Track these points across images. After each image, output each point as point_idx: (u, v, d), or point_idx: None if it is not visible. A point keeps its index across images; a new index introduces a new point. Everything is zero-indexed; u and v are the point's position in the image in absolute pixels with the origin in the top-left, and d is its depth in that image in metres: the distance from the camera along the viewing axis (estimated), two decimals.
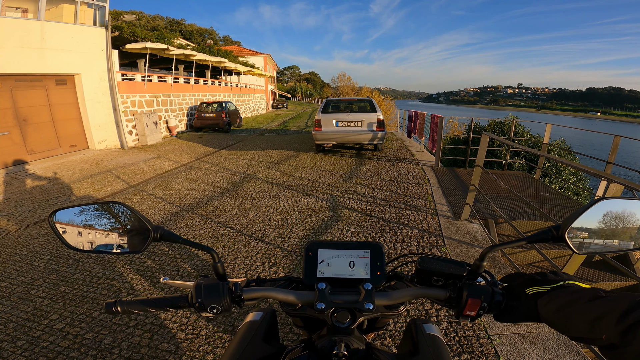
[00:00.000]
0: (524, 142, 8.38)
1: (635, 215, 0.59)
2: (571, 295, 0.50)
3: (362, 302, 0.61)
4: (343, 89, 47.97)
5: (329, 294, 0.63)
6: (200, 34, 60.71)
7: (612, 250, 0.61)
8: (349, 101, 8.51)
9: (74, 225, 0.63)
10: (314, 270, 0.69)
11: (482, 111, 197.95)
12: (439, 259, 0.66)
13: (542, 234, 0.58)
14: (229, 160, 7.75)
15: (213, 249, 0.64)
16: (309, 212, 4.26)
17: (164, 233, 0.62)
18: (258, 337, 0.73)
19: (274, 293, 0.66)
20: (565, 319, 0.48)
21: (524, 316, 0.56)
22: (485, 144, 3.63)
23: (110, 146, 9.64)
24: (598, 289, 0.49)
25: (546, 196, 5.17)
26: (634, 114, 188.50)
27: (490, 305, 0.58)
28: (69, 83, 8.63)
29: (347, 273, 0.68)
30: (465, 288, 0.60)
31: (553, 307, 0.50)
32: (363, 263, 0.69)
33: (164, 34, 12.85)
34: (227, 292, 0.62)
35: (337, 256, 0.70)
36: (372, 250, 0.70)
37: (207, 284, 0.63)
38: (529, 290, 0.55)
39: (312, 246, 0.71)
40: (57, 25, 7.90)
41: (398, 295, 0.65)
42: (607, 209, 0.58)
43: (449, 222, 3.89)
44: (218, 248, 3.34)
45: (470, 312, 0.59)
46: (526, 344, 2.00)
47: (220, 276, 0.65)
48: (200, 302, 0.61)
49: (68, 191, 5.51)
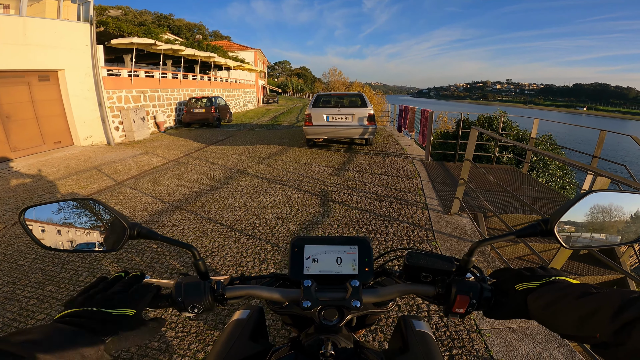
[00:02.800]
0: (512, 137, 8.49)
1: (623, 209, 0.58)
2: (561, 291, 0.48)
3: (349, 299, 0.59)
4: (334, 84, 47.83)
5: (315, 292, 0.61)
6: (189, 29, 59.71)
7: (600, 244, 0.60)
8: (340, 96, 8.48)
9: (46, 223, 0.60)
10: (300, 267, 0.67)
11: (471, 106, 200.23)
12: (428, 254, 0.64)
13: (530, 228, 0.58)
14: (219, 156, 7.66)
15: (193, 246, 0.61)
16: (299, 207, 4.25)
17: (141, 230, 0.59)
18: (244, 336, 0.71)
19: (258, 291, 0.63)
20: (555, 316, 0.47)
21: (513, 313, 0.54)
22: (474, 138, 3.66)
23: (96, 142, 9.43)
24: (588, 285, 0.48)
25: (534, 190, 5.25)
26: (619, 110, 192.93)
27: (479, 301, 0.57)
28: (52, 79, 8.40)
29: (334, 269, 0.66)
30: (454, 284, 0.58)
31: (542, 304, 0.49)
32: (350, 259, 0.67)
33: (151, 28, 12.57)
34: (208, 290, 0.59)
35: (324, 252, 0.68)
36: (359, 246, 0.68)
37: (188, 282, 0.60)
38: (518, 286, 0.54)
39: (298, 242, 0.69)
40: (39, 21, 7.70)
41: (386, 292, 0.63)
42: (595, 202, 0.57)
43: (439, 216, 3.92)
44: (208, 244, 3.31)
45: (459, 309, 0.57)
46: (516, 338, 2.02)
47: (202, 274, 0.62)
48: (180, 302, 0.58)
49: (53, 188, 5.37)
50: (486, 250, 3.16)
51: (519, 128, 9.37)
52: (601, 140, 4.68)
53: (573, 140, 29.90)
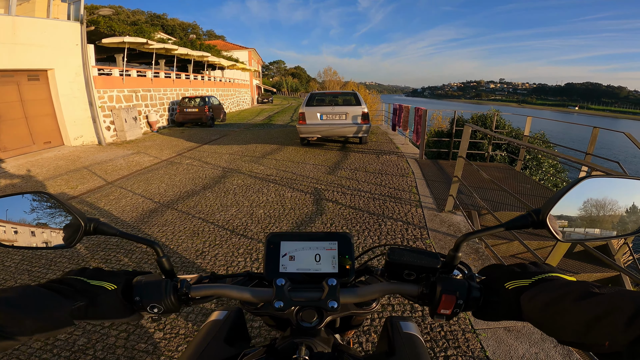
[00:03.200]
0: (505, 135, 8.52)
1: (620, 197, 0.52)
2: (558, 290, 0.43)
3: (325, 300, 0.55)
4: (329, 83, 47.78)
5: (289, 291, 0.56)
6: (182, 28, 59.32)
7: (596, 237, 0.54)
8: (334, 94, 8.44)
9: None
10: (276, 264, 0.63)
11: (465, 105, 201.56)
12: (411, 250, 0.59)
13: (521, 219, 0.53)
14: (212, 155, 7.58)
15: (156, 242, 0.57)
16: (292, 205, 4.20)
17: (98, 225, 0.55)
18: (219, 338, 0.67)
19: (227, 290, 0.59)
20: (554, 320, 0.41)
21: (504, 314, 0.49)
22: (467, 135, 3.64)
23: (87, 142, 9.29)
24: (587, 283, 0.42)
25: (527, 187, 5.26)
26: (610, 109, 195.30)
27: (466, 301, 0.52)
28: (42, 78, 8.28)
29: (313, 267, 0.62)
30: (439, 283, 0.53)
31: (538, 305, 0.44)
32: (330, 256, 0.62)
33: (143, 28, 12.43)
34: (170, 289, 0.55)
35: (302, 249, 0.63)
36: (339, 242, 0.63)
37: (147, 280, 0.55)
38: (508, 284, 0.49)
39: (274, 238, 0.65)
40: (28, 20, 7.59)
41: (366, 292, 0.58)
42: (590, 190, 0.51)
43: (433, 214, 3.90)
44: (198, 244, 3.25)
45: (445, 310, 0.52)
46: (512, 338, 1.99)
47: (167, 272, 0.58)
48: (138, 301, 0.53)
49: (42, 189, 5.22)
50: (480, 248, 3.14)
51: (512, 126, 9.42)
52: (594, 138, 4.70)
53: (567, 139, 30.24)
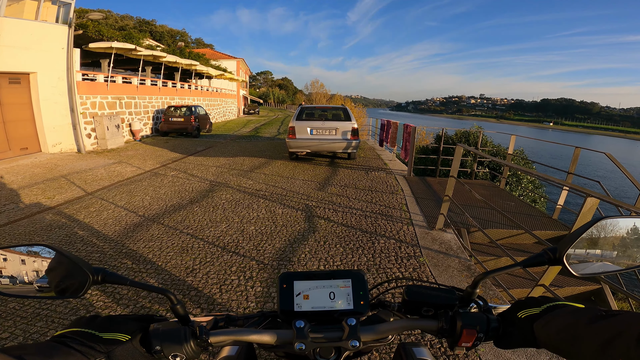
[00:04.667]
0: (488, 152, 8.79)
1: (632, 234, 0.57)
2: (570, 316, 0.46)
3: (347, 340, 0.56)
4: (316, 96, 48.30)
5: (309, 332, 0.57)
6: (171, 35, 58.81)
7: (608, 270, 0.59)
8: (324, 109, 8.49)
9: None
10: (291, 303, 0.62)
11: (447, 120, 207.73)
12: (427, 288, 0.62)
13: (537, 257, 0.57)
14: (198, 167, 7.42)
15: (169, 291, 0.56)
16: (284, 222, 4.13)
17: (106, 275, 0.54)
18: None
19: (247, 335, 0.58)
20: (570, 344, 0.44)
21: (521, 342, 0.52)
22: (459, 155, 3.72)
23: (66, 150, 8.94)
24: (596, 308, 0.47)
25: (511, 205, 5.41)
26: (583, 125, 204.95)
27: (486, 333, 0.55)
28: (23, 82, 7.98)
29: (328, 305, 0.62)
30: (459, 317, 0.56)
31: (553, 330, 0.47)
32: (344, 293, 0.63)
33: (132, 33, 12.22)
34: (190, 336, 0.54)
35: (316, 287, 0.63)
36: (353, 279, 0.64)
37: (166, 328, 0.54)
38: (520, 313, 0.53)
39: (287, 278, 0.64)
40: (15, 21, 7.37)
41: (386, 329, 0.60)
42: (604, 227, 0.57)
43: (425, 232, 3.92)
44: (188, 261, 3.13)
45: (466, 343, 0.55)
46: (509, 352, 2.03)
47: (182, 318, 0.56)
48: (159, 350, 0.52)
49: (16, 198, 4.98)
50: (472, 265, 3.17)
51: (493, 143, 9.74)
52: (576, 157, 4.90)
53: (542, 154, 31.50)
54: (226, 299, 2.57)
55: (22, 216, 4.28)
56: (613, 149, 27.80)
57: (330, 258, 3.24)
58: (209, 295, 2.62)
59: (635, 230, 0.57)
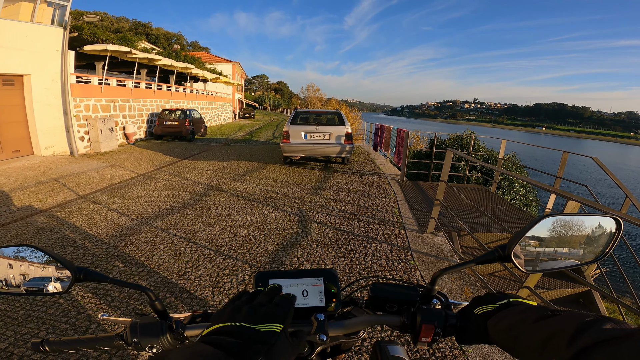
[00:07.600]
0: (480, 157, 8.92)
1: (578, 231, 0.59)
2: (520, 314, 0.47)
3: (315, 334, 0.58)
4: (311, 100, 48.49)
5: None
6: (167, 38, 58.76)
7: (558, 267, 0.61)
8: (318, 113, 8.56)
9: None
10: None
11: (441, 125, 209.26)
12: (391, 285, 0.65)
13: (488, 255, 0.58)
14: (192, 171, 7.43)
15: (148, 288, 0.60)
16: (277, 226, 4.16)
17: (88, 274, 0.58)
18: None
19: None
20: (515, 341, 0.45)
21: (476, 338, 0.53)
22: (449, 159, 3.79)
23: (59, 152, 8.89)
24: (545, 307, 0.47)
25: (502, 209, 5.50)
26: (575, 129, 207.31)
27: (444, 329, 0.57)
28: (17, 84, 7.95)
29: (301, 302, 0.65)
30: (419, 313, 0.58)
31: (502, 327, 0.48)
32: (317, 291, 0.67)
33: (127, 36, 12.22)
34: (166, 330, 0.58)
35: (289, 285, 0.67)
36: (325, 277, 0.68)
37: (143, 322, 0.58)
38: (477, 310, 0.54)
39: (262, 276, 0.68)
40: (9, 22, 7.36)
41: (352, 324, 0.63)
42: (552, 225, 0.59)
43: (416, 236, 3.98)
44: (181, 264, 3.15)
45: (425, 338, 0.57)
46: (496, 353, 2.08)
47: (160, 313, 0.60)
48: (137, 342, 0.56)
49: (8, 201, 4.95)
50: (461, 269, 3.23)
51: (486, 148, 9.88)
52: (564, 162, 5.00)
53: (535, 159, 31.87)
54: (218, 301, 2.60)
55: (13, 219, 4.25)
56: (604, 154, 28.09)
57: (323, 261, 3.28)
58: (201, 297, 2.64)
59: (578, 227, 0.59)
